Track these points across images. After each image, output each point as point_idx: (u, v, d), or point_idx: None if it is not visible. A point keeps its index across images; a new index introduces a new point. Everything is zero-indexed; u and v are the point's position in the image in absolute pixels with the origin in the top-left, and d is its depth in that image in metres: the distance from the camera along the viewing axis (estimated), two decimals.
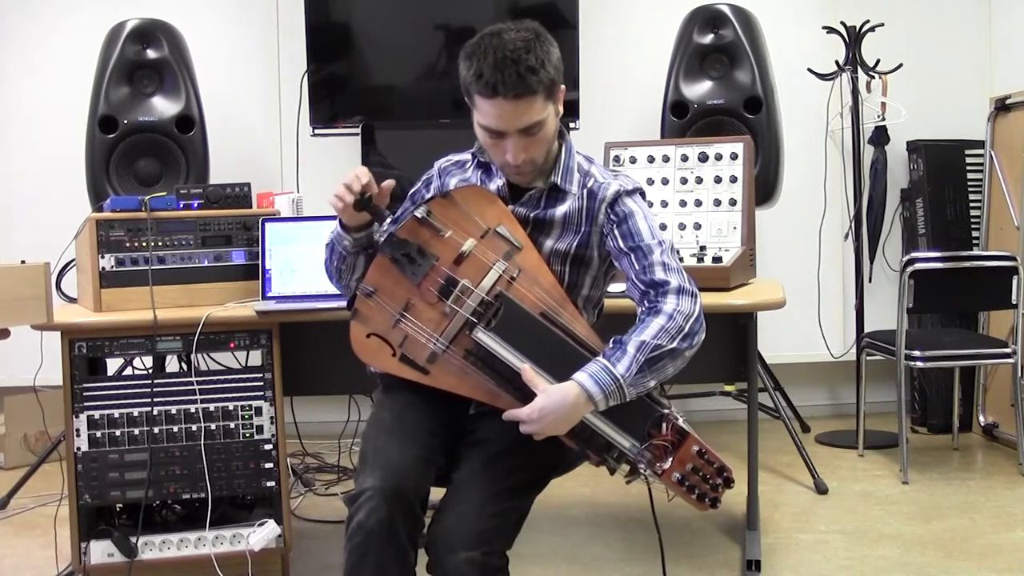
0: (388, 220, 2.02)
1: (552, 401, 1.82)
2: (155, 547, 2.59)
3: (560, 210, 2.06)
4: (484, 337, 1.91)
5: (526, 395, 1.86)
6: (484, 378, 1.93)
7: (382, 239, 2.02)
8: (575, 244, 2.06)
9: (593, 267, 2.09)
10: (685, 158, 3.01)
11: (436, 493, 1.98)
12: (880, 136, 4.38)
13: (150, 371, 2.73)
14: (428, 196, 2.12)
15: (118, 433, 2.59)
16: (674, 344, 1.88)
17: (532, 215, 2.06)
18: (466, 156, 2.20)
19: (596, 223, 2.06)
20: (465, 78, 1.94)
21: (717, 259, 2.79)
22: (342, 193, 1.96)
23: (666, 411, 1.89)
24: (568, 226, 2.06)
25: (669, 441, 1.86)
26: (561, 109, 2.03)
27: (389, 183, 2.01)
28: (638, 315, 1.95)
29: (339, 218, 2.04)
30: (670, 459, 1.85)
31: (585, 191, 2.07)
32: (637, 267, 1.99)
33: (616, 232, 2.03)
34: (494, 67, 1.88)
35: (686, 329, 1.90)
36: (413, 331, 1.97)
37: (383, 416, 2.03)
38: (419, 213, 2.00)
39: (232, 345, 2.65)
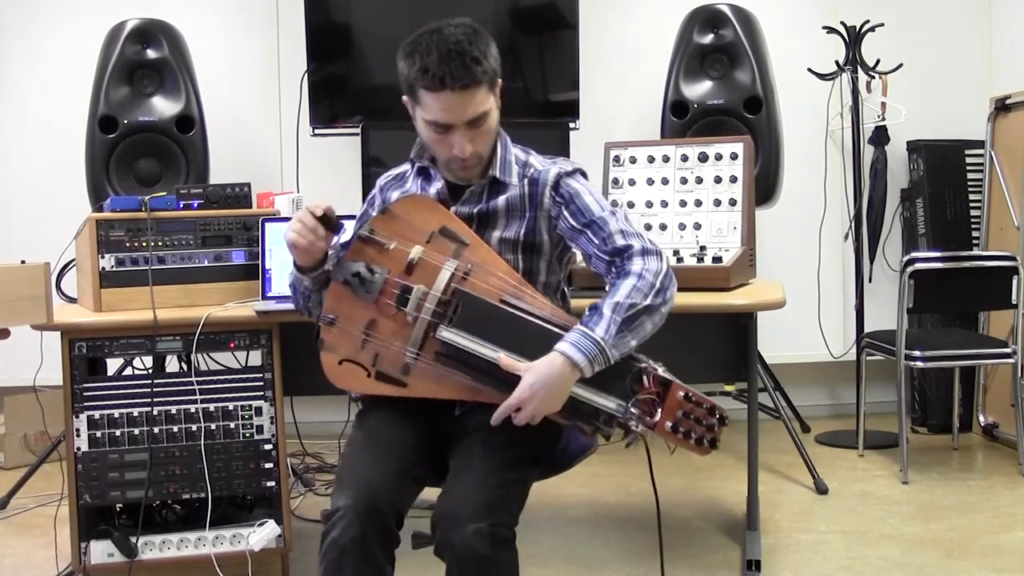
0: (339, 235, 2.05)
1: (540, 376, 1.83)
2: (155, 547, 2.59)
3: (502, 199, 2.08)
4: (449, 335, 1.92)
5: (507, 383, 1.87)
6: (462, 376, 1.94)
7: (331, 266, 2.05)
8: (522, 231, 2.08)
9: (545, 252, 2.11)
10: (685, 158, 3.01)
11: (433, 493, 1.99)
12: (880, 136, 4.38)
13: (150, 371, 2.73)
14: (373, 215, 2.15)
15: (118, 433, 2.59)
16: (648, 301, 1.90)
17: (475, 211, 2.08)
18: (404, 167, 2.23)
19: (542, 208, 2.08)
20: (408, 75, 1.96)
21: (717, 259, 2.79)
22: (302, 232, 2.00)
23: (644, 364, 1.89)
24: (512, 213, 2.08)
25: (654, 393, 1.87)
26: (500, 102, 2.06)
27: (329, 206, 2.05)
28: (608, 282, 1.97)
29: (294, 261, 2.08)
30: (659, 410, 1.87)
31: (526, 180, 2.09)
32: (596, 240, 2.02)
33: (566, 213, 2.06)
34: (439, 60, 1.91)
35: (657, 285, 1.92)
36: (381, 347, 1.99)
37: (357, 435, 2.06)
38: (362, 233, 2.04)
39: (232, 345, 2.65)
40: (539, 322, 1.92)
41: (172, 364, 3.16)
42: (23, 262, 2.31)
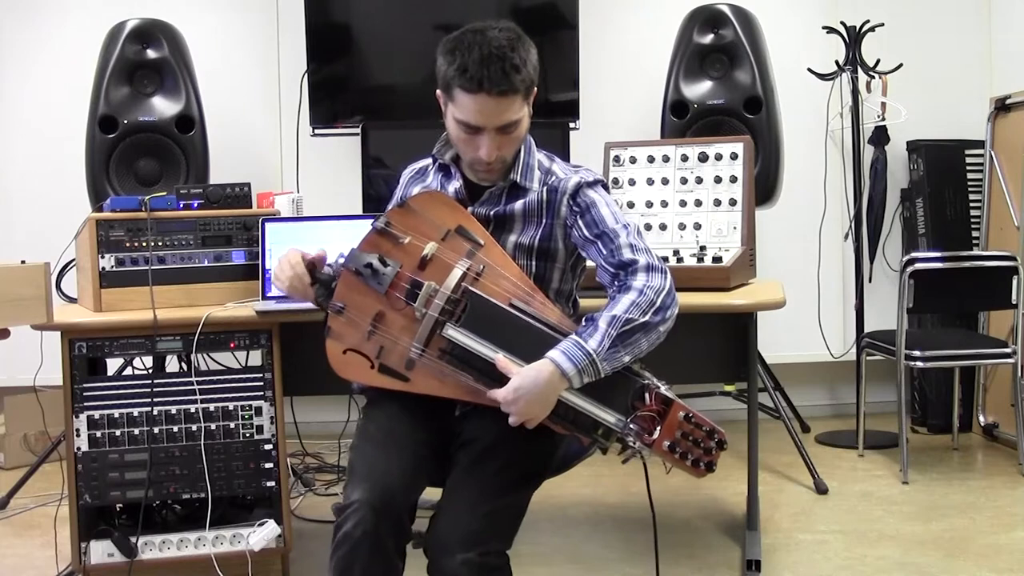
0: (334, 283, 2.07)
1: (526, 381, 1.83)
2: (155, 547, 2.59)
3: (519, 203, 2.07)
4: (455, 333, 1.92)
5: (503, 385, 1.86)
6: (464, 376, 1.93)
7: (345, 256, 2.05)
8: (538, 237, 2.07)
9: (560, 260, 2.10)
10: (685, 158, 3.01)
11: (434, 493, 1.99)
12: (880, 136, 4.38)
13: (150, 371, 2.73)
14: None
15: (118, 433, 2.59)
16: (646, 318, 1.88)
17: (492, 212, 2.08)
18: (426, 161, 2.23)
19: (559, 216, 2.07)
20: (446, 72, 1.95)
21: (717, 259, 2.79)
22: (289, 276, 2.05)
23: (647, 381, 1.88)
24: (529, 219, 2.07)
25: (655, 411, 1.86)
26: (532, 110, 2.05)
27: (320, 254, 2.08)
28: (609, 295, 1.96)
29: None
30: (658, 428, 1.85)
31: (546, 187, 2.09)
32: (605, 252, 2.00)
33: (580, 222, 2.05)
34: (480, 62, 1.90)
35: (657, 303, 1.90)
36: (387, 340, 1.98)
37: (369, 428, 2.05)
38: (378, 225, 2.04)
39: (232, 345, 2.65)
40: (544, 328, 1.91)
41: (172, 364, 3.16)
42: (23, 262, 2.31)
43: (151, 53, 3.70)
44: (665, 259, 2.81)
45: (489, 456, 1.94)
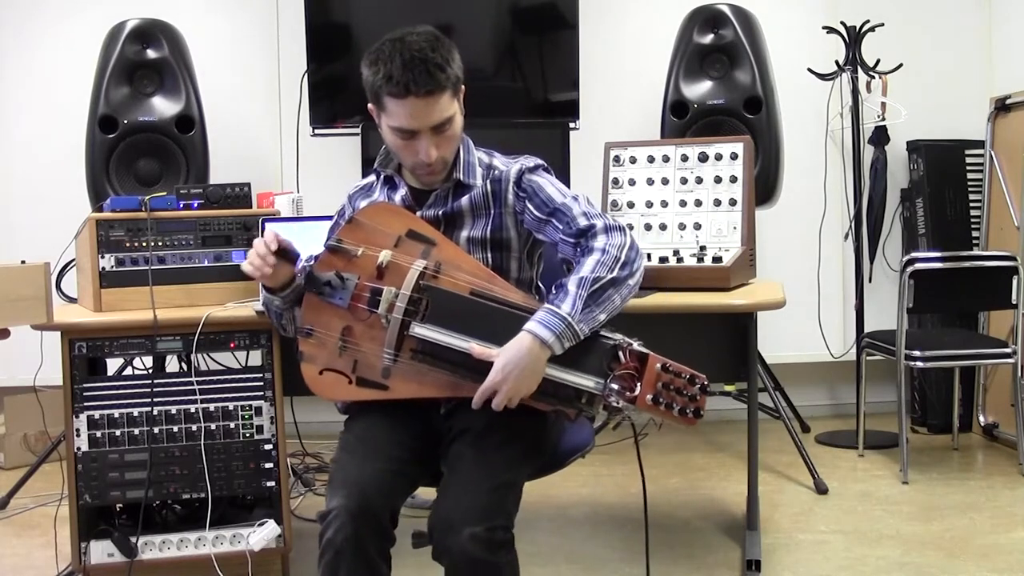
0: (302, 260, 2.11)
1: (510, 357, 1.84)
2: (155, 547, 2.59)
3: (465, 199, 2.11)
4: (421, 330, 1.94)
5: (483, 372, 1.87)
6: (441, 373, 1.95)
7: (302, 280, 2.07)
8: (489, 228, 2.10)
9: (514, 248, 2.13)
10: (685, 158, 3.01)
11: (429, 493, 1.99)
12: (880, 136, 4.38)
13: (150, 371, 2.73)
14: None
15: (118, 433, 2.59)
16: (613, 273, 1.91)
17: (441, 213, 2.11)
18: (370, 179, 2.27)
19: (506, 204, 2.11)
20: (373, 83, 2.01)
21: (717, 259, 2.79)
22: (258, 265, 2.07)
23: (618, 340, 1.89)
24: (477, 212, 2.11)
25: (632, 368, 1.87)
26: (463, 108, 2.08)
27: (285, 240, 2.11)
28: (574, 264, 1.98)
29: (261, 283, 2.14)
30: (638, 384, 1.86)
31: (489, 180, 2.12)
32: (561, 226, 2.04)
33: (530, 206, 2.09)
34: (403, 67, 1.95)
35: (622, 258, 1.94)
36: (359, 352, 2.01)
37: (347, 439, 2.07)
38: (330, 243, 2.07)
39: (232, 345, 2.65)
40: (509, 310, 1.92)
41: (172, 364, 3.16)
42: (23, 262, 2.31)
43: (151, 53, 3.70)
44: (664, 259, 2.81)
45: (486, 437, 1.95)
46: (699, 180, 2.98)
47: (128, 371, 3.37)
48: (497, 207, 2.11)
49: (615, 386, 1.86)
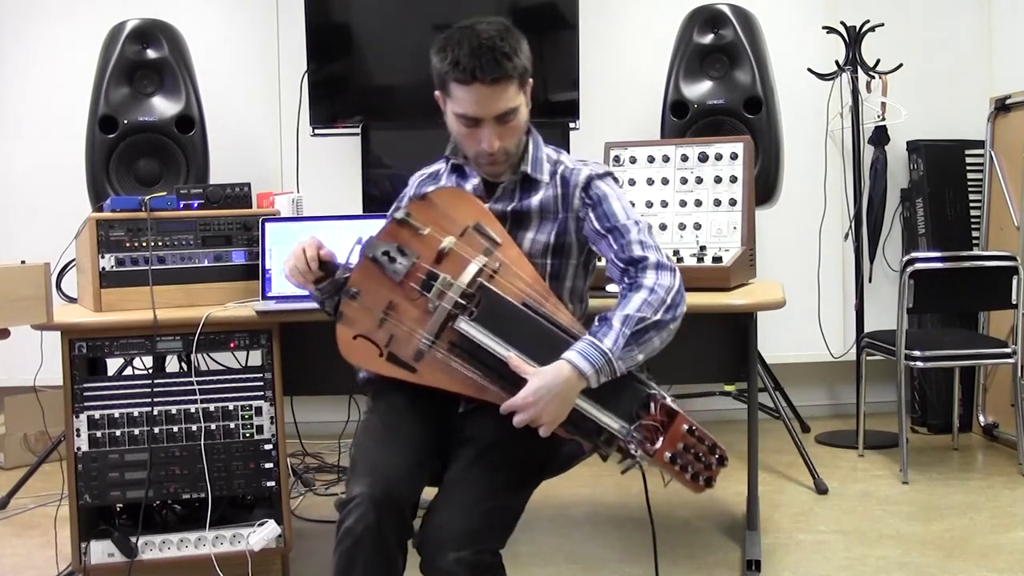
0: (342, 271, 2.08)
1: (546, 381, 1.82)
2: (155, 547, 2.59)
3: (535, 199, 2.10)
4: (467, 327, 1.92)
5: (514, 385, 1.86)
6: (471, 372, 1.93)
7: (363, 242, 2.05)
8: (554, 232, 2.09)
9: (573, 255, 2.12)
10: (685, 158, 3.01)
11: (429, 493, 1.98)
12: (880, 136, 4.38)
13: (150, 371, 2.73)
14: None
15: (118, 433, 2.59)
16: (658, 316, 1.90)
17: (510, 209, 2.09)
18: (438, 165, 2.25)
19: (572, 208, 2.10)
20: (440, 68, 1.98)
21: (717, 259, 2.79)
22: (300, 282, 2.07)
23: (653, 391, 1.89)
24: (545, 215, 2.10)
25: (659, 421, 1.86)
26: (530, 102, 2.07)
27: (327, 251, 2.09)
28: (619, 293, 1.97)
29: None
30: (661, 438, 1.85)
31: (558, 178, 2.11)
32: (615, 247, 2.03)
33: (592, 215, 2.07)
34: (471, 54, 1.93)
35: (668, 301, 1.92)
36: (398, 329, 1.98)
37: (373, 422, 2.05)
38: (399, 215, 2.04)
39: (232, 345, 2.65)
40: (555, 330, 1.91)
41: (172, 364, 3.16)
42: (23, 262, 2.31)
43: (151, 53, 3.70)
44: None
45: (489, 455, 1.94)
46: (699, 180, 2.98)
47: (128, 371, 3.37)
48: (564, 211, 2.09)
49: (638, 435, 1.85)
